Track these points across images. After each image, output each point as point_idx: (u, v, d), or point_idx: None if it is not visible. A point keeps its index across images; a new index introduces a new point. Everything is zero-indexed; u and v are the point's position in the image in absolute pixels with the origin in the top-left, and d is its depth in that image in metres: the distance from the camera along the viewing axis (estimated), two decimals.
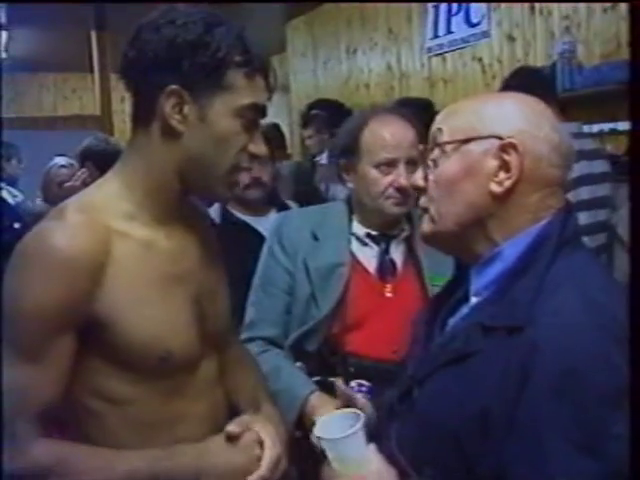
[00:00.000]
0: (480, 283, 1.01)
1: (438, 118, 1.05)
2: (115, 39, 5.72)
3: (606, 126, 3.25)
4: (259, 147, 1.15)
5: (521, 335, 0.88)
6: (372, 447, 0.99)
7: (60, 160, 3.41)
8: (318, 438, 1.00)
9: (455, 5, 4.33)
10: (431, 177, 1.02)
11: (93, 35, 6.36)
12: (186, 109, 1.07)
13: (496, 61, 4.10)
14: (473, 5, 4.19)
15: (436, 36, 4.54)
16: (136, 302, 1.07)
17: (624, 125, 3.10)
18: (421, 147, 1.06)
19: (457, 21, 4.34)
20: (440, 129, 1.02)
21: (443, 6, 4.43)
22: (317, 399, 1.50)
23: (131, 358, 1.08)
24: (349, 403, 1.23)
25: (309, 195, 3.09)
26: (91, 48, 6.43)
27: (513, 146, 0.95)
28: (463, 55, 4.35)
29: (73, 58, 7.25)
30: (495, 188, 0.96)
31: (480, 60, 4.22)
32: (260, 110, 1.13)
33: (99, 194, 1.14)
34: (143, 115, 1.12)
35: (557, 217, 0.97)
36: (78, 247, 1.02)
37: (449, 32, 4.42)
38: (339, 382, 1.26)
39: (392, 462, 0.99)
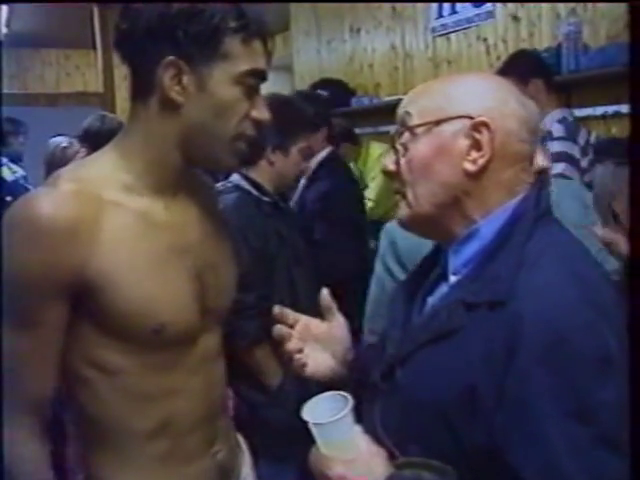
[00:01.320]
0: (458, 261, 1.01)
1: (404, 101, 1.05)
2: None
3: (610, 108, 3.21)
4: (262, 113, 1.13)
5: (504, 309, 0.88)
6: (358, 429, 0.98)
7: (62, 141, 3.38)
8: (306, 422, 0.98)
9: None
10: (402, 161, 1.02)
11: (96, 12, 6.33)
12: (185, 80, 1.06)
13: (501, 41, 4.05)
14: None
15: (441, 16, 4.47)
16: (130, 271, 1.07)
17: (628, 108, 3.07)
18: (391, 132, 1.05)
19: None
20: (408, 112, 1.01)
21: None
22: None
23: (124, 328, 1.08)
24: (329, 316, 1.19)
25: None
26: (94, 25, 6.40)
27: (485, 124, 0.95)
28: (468, 35, 4.30)
29: (76, 34, 7.22)
30: (469, 167, 0.96)
31: (485, 40, 4.17)
32: (260, 75, 1.12)
33: (95, 165, 1.14)
34: (141, 88, 1.10)
35: (531, 191, 0.98)
36: (63, 215, 1.01)
37: (454, 12, 4.35)
38: (324, 292, 1.20)
39: (377, 443, 0.98)
